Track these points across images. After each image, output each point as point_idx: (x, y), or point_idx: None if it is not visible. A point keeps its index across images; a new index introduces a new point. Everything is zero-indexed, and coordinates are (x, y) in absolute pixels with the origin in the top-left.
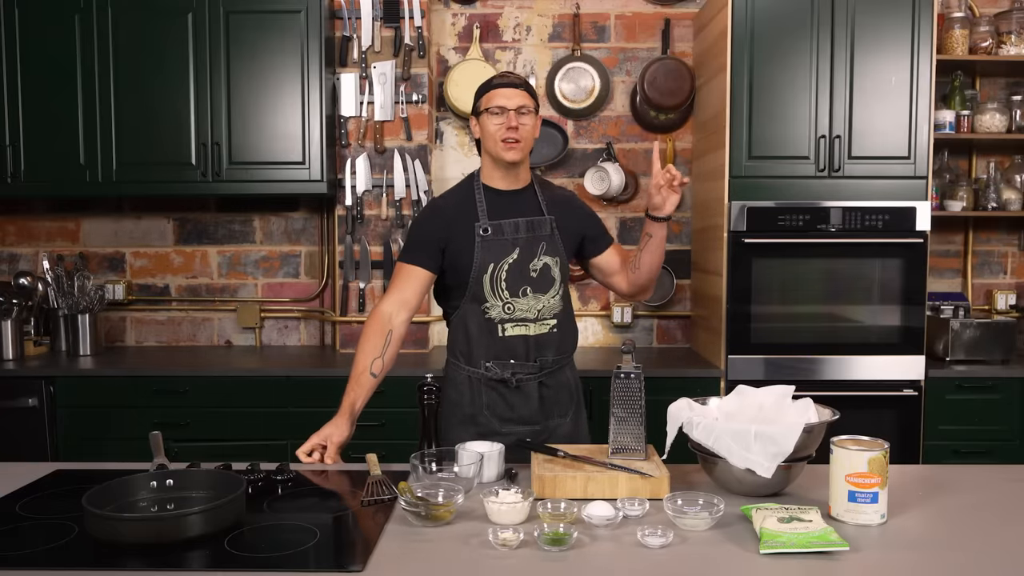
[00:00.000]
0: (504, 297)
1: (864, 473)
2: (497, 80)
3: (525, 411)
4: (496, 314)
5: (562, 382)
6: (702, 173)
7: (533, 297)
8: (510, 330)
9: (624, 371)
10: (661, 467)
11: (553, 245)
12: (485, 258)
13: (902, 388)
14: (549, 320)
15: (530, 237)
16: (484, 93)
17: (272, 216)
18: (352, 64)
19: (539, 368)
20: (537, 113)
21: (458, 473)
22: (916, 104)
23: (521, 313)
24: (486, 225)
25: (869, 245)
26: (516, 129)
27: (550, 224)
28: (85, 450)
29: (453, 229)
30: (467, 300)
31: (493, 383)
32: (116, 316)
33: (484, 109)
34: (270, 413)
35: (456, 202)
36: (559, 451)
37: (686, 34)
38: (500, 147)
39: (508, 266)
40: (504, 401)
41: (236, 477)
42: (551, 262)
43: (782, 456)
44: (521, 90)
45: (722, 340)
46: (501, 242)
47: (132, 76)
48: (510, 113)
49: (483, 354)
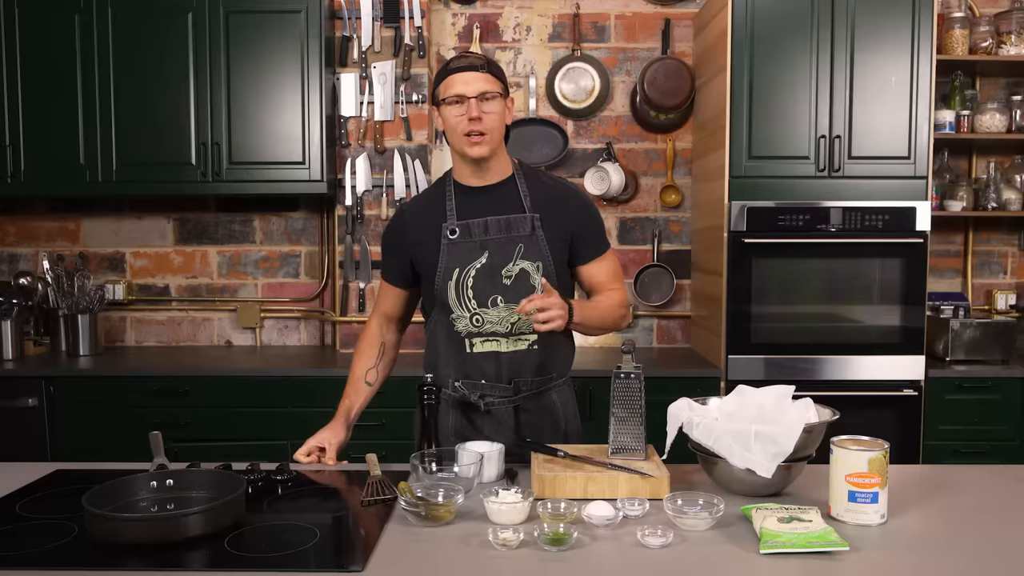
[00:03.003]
0: (471, 307)
1: (864, 473)
2: (455, 63)
3: (496, 439)
4: (463, 327)
5: (545, 407)
6: (702, 173)
7: (506, 308)
8: (479, 346)
9: (624, 371)
10: (661, 467)
11: (534, 247)
12: (450, 263)
13: (902, 388)
14: (527, 336)
15: (504, 238)
16: (442, 79)
17: (272, 216)
18: (352, 64)
19: (514, 391)
20: (506, 95)
21: (458, 473)
22: (916, 104)
23: (491, 326)
24: (453, 226)
25: (869, 245)
26: (479, 120)
27: (531, 222)
28: (85, 450)
29: (419, 235)
30: (437, 310)
31: (461, 405)
32: (116, 316)
33: (442, 99)
34: (270, 413)
35: (425, 205)
36: (559, 451)
37: (686, 34)
38: (463, 142)
39: (476, 272)
40: (472, 426)
41: (236, 477)
42: (530, 267)
43: (782, 456)
44: (482, 72)
45: (722, 340)
46: (468, 244)
47: (132, 76)
48: (471, 102)
49: (451, 372)
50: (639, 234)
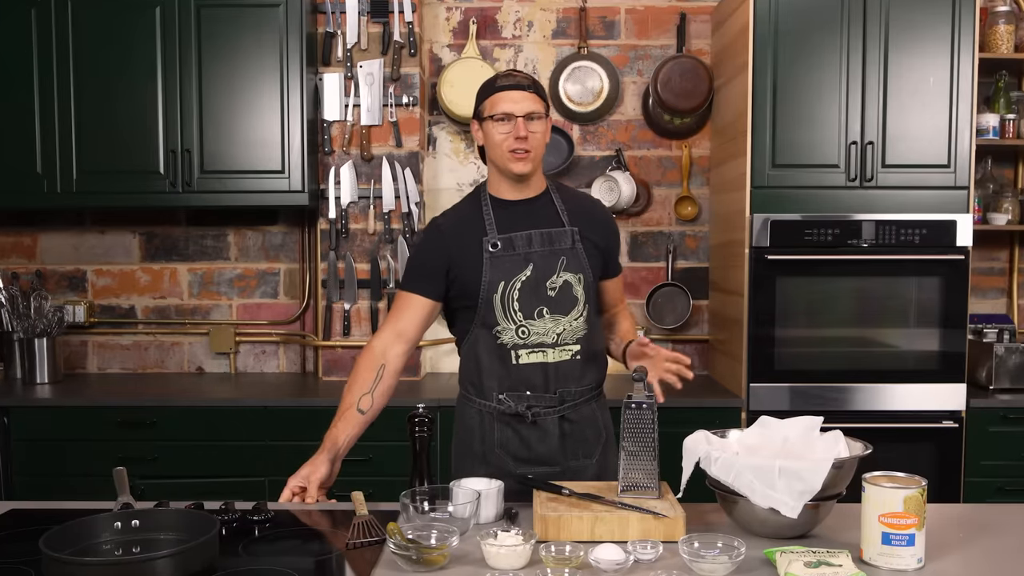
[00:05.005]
0: (517, 319)
1: (899, 513)
2: (503, 81)
3: (543, 450)
4: (509, 339)
5: (588, 418)
6: (721, 183)
7: (551, 319)
8: (525, 357)
9: (635, 400)
10: (676, 506)
11: (575, 260)
12: (495, 276)
13: (941, 419)
14: (571, 346)
15: (547, 251)
16: (487, 96)
17: (248, 230)
18: (336, 63)
19: (559, 400)
20: (548, 116)
21: (453, 513)
22: (956, 107)
23: (537, 337)
24: (495, 239)
25: (905, 262)
26: (526, 139)
27: (571, 236)
28: (42, 487)
29: (457, 248)
30: (477, 325)
31: (507, 418)
32: (77, 340)
33: (488, 116)
34: (246, 447)
35: (460, 218)
36: (564, 488)
37: (703, 30)
38: (508, 158)
39: (521, 284)
40: (519, 438)
41: (208, 517)
42: (573, 279)
43: (809, 494)
44: (530, 92)
45: (743, 366)
46: (513, 258)
47: (94, 76)
48: (518, 121)
49: (495, 385)
50: (652, 250)
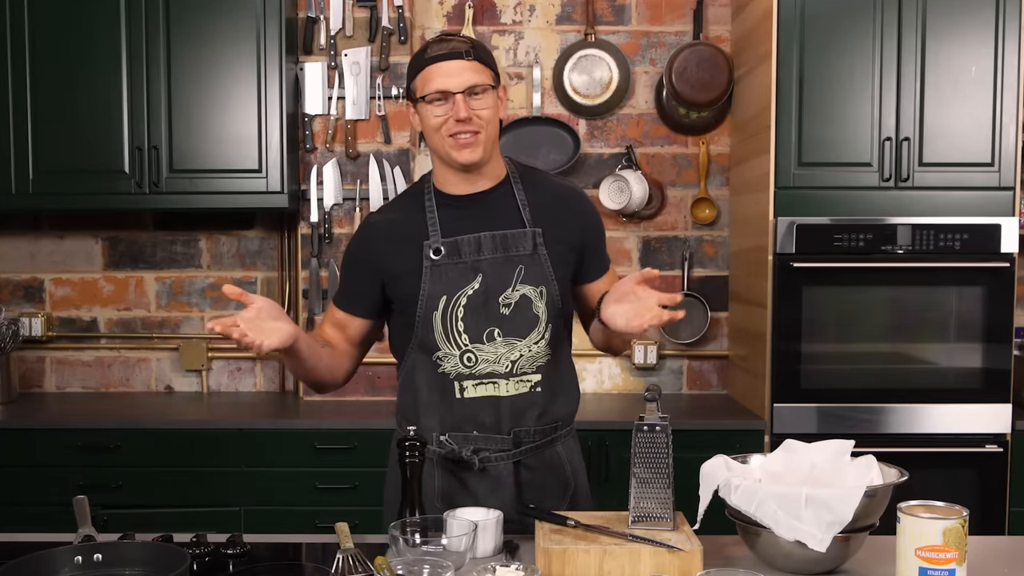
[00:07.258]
0: (462, 343)
1: (938, 546)
2: (433, 50)
3: (494, 502)
4: (452, 367)
5: (550, 464)
6: (742, 183)
7: (504, 343)
8: (472, 390)
9: (648, 423)
10: (692, 539)
11: (536, 269)
12: (435, 289)
13: (984, 443)
14: (530, 375)
15: (501, 258)
16: (418, 71)
17: (222, 235)
18: (319, 51)
19: (514, 443)
20: (498, 85)
21: (447, 546)
22: (1001, 100)
23: (487, 366)
24: (437, 244)
25: (944, 270)
26: (469, 120)
27: (532, 238)
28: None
29: (392, 254)
30: (414, 348)
31: (450, 464)
32: (33, 356)
33: (420, 96)
34: (219, 473)
35: (399, 216)
36: (569, 519)
37: (723, 15)
38: (449, 145)
39: (467, 299)
40: (464, 489)
41: (178, 551)
42: (533, 293)
43: (839, 526)
44: (470, 60)
45: (766, 385)
46: (458, 266)
47: (53, 66)
48: (457, 99)
49: (435, 424)
50: (666, 256)
